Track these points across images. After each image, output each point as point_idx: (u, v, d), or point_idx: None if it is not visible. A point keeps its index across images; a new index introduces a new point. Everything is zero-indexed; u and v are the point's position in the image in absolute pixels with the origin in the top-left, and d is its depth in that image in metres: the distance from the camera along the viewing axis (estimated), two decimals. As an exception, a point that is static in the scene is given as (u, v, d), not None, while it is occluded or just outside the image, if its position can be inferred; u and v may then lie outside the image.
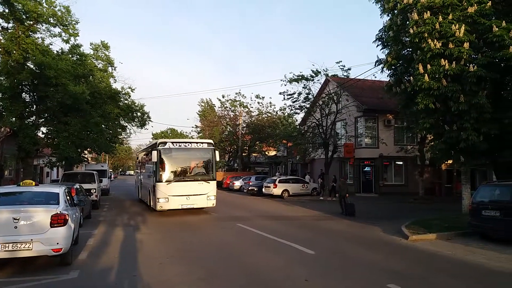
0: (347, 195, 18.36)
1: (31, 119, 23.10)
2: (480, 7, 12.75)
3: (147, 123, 30.62)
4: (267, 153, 49.75)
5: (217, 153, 17.52)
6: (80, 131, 22.45)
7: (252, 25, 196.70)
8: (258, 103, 49.81)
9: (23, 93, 22.62)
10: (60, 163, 24.98)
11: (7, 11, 20.01)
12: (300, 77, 28.67)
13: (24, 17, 20.61)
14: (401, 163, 30.89)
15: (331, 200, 24.99)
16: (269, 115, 45.91)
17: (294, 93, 29.91)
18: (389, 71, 16.54)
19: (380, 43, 17.00)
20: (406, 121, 24.82)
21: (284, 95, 30.54)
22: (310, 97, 29.98)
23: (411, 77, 13.84)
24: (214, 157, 17.27)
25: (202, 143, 17.76)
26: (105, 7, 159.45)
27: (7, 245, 7.17)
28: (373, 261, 8.91)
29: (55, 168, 28.51)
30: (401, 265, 8.53)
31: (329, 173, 28.53)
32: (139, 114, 29.81)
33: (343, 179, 20.64)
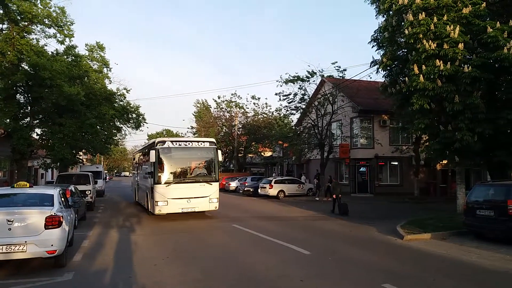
0: (340, 195, 18.58)
1: (26, 120, 22.99)
2: (474, 8, 12.85)
3: (142, 124, 30.56)
4: (263, 153, 49.80)
5: (220, 152, 16.52)
6: (75, 133, 22.34)
7: (247, 26, 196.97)
8: (253, 103, 49.98)
9: (18, 94, 22.53)
10: (54, 164, 24.83)
11: (1, 12, 19.94)
12: (295, 78, 28.73)
13: (18, 18, 20.52)
14: (396, 163, 31.00)
15: (327, 200, 25.01)
16: (265, 115, 46.00)
17: (289, 94, 30.02)
18: (385, 72, 16.64)
19: (375, 44, 17.08)
20: (401, 121, 24.87)
21: (279, 96, 30.66)
22: (305, 97, 30.05)
23: (406, 78, 13.92)
24: (216, 156, 16.17)
25: (203, 142, 16.50)
26: (101, 8, 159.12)
27: (1, 247, 7.11)
28: (368, 260, 8.93)
29: (49, 169, 28.28)
30: (396, 264, 8.55)
31: (324, 173, 28.58)
32: (134, 115, 29.73)
33: (335, 179, 21.05)
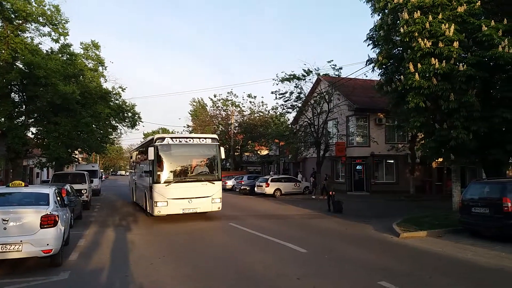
0: (333, 193, 18.72)
1: (21, 119, 22.91)
2: (469, 6, 12.89)
3: (138, 123, 30.51)
4: (259, 152, 49.83)
5: (222, 149, 15.47)
6: (70, 131, 22.27)
7: (243, 25, 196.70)
8: (250, 102, 49.76)
9: (12, 93, 22.44)
10: (50, 163, 24.76)
11: (-5, 10, 19.79)
12: (292, 77, 28.77)
13: (13, 16, 20.41)
14: (392, 161, 31.11)
15: (323, 198, 25.01)
16: (261, 114, 46.01)
17: (286, 93, 30.07)
18: (380, 70, 16.63)
19: (371, 42, 17.05)
20: (397, 119, 24.98)
21: (276, 95, 30.70)
22: (301, 96, 30.12)
23: (402, 76, 13.92)
24: (219, 153, 15.22)
25: (205, 138, 15.52)
26: (96, 6, 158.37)
27: (-4, 246, 7.08)
28: (364, 258, 8.96)
29: (45, 168, 28.24)
30: (393, 262, 8.58)
31: (321, 171, 28.63)
32: (130, 114, 29.66)
33: (330, 177, 21.30)
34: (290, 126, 36.89)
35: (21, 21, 20.86)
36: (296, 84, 29.22)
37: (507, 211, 10.08)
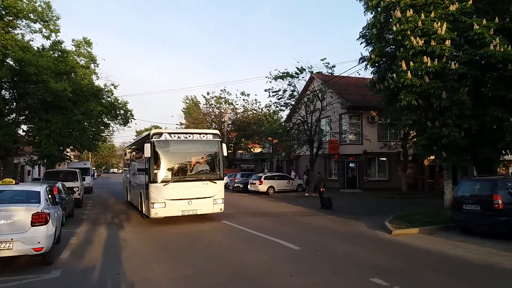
0: (323, 189, 19.20)
1: (11, 116, 22.67)
2: (461, 5, 12.97)
3: (130, 120, 30.35)
4: (252, 150, 49.79)
5: (224, 146, 14.53)
6: (62, 129, 22.08)
7: (236, 23, 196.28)
8: (243, 100, 49.64)
9: (3, 90, 22.19)
10: (41, 161, 24.54)
11: (-15, 6, 19.54)
12: (285, 74, 28.75)
13: (3, 13, 20.14)
14: (385, 159, 31.28)
15: (316, 196, 25.09)
16: (255, 112, 45.96)
17: (279, 90, 30.03)
18: (373, 68, 16.72)
19: (363, 40, 17.12)
20: (389, 117, 25.09)
21: (269, 92, 30.66)
22: (295, 94, 30.11)
23: (394, 74, 13.99)
24: (221, 150, 14.23)
25: (206, 134, 14.50)
26: (87, 3, 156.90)
27: (-13, 244, 7.02)
28: (357, 255, 9.01)
29: (36, 166, 27.97)
30: (385, 259, 8.63)
31: (314, 169, 28.69)
32: (122, 111, 29.47)
33: (319, 174, 21.55)
34: (283, 124, 36.90)
35: (11, 18, 20.59)
36: (289, 82, 29.23)
37: (498, 208, 10.19)
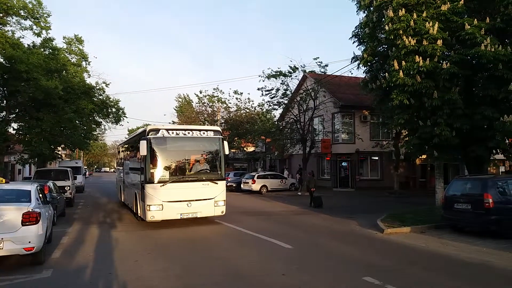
0: (313, 189, 19.49)
1: (1, 114, 22.47)
2: (453, 5, 13.04)
3: (122, 119, 30.14)
4: (245, 149, 49.70)
5: (226, 144, 13.61)
6: (53, 127, 21.91)
7: (228, 21, 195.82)
8: (236, 98, 49.52)
9: (-7, 88, 21.94)
10: (32, 160, 24.34)
11: (-26, 3, 19.29)
12: (278, 73, 28.75)
13: (-7, 9, 19.91)
14: (377, 158, 31.43)
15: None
16: (248, 111, 45.85)
17: (272, 89, 30.01)
18: (365, 68, 16.76)
19: (356, 39, 17.17)
20: (381, 117, 25.23)
21: (262, 91, 30.62)
22: (288, 93, 30.12)
23: (387, 74, 14.05)
24: (222, 148, 13.32)
25: (206, 131, 13.53)
26: (81, 1, 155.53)
27: (-24, 244, 6.94)
28: (349, 254, 9.05)
29: (27, 165, 27.71)
30: (377, 258, 8.68)
31: (307, 168, 28.75)
32: (114, 109, 29.30)
33: (310, 174, 21.72)
34: (276, 123, 36.92)
35: (1, 14, 20.37)
36: (282, 81, 29.23)
37: (488, 207, 10.29)
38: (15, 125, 24.17)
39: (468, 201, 11.02)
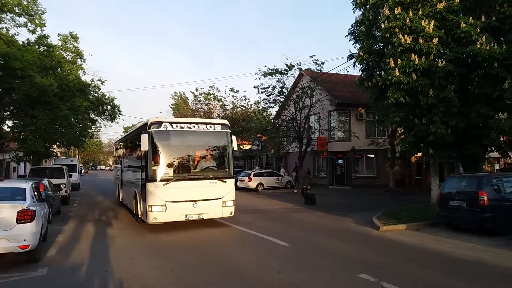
0: (309, 187, 19.81)
1: (-4, 112, 22.28)
2: (448, 3, 13.08)
3: (117, 116, 30.01)
4: (241, 147, 49.69)
5: (234, 138, 12.58)
6: (48, 125, 21.80)
7: (225, 19, 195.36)
8: (232, 96, 49.54)
9: (-13, 86, 21.76)
10: (27, 157, 24.20)
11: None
12: (274, 71, 28.77)
13: (-13, 6, 19.77)
14: (373, 156, 31.53)
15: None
16: (244, 108, 45.81)
17: (268, 87, 30.05)
18: (361, 66, 16.77)
19: (352, 37, 17.17)
20: (377, 114, 25.34)
21: (258, 89, 30.65)
22: (284, 91, 30.17)
23: (382, 72, 14.07)
24: (231, 144, 12.34)
25: (213, 124, 12.46)
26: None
27: (-29, 242, 6.90)
28: (345, 251, 9.08)
29: (22, 163, 27.55)
30: (373, 255, 8.71)
31: (303, 166, 28.81)
32: (109, 107, 29.17)
33: (304, 172, 21.90)
34: (272, 120, 36.93)
35: (-4, 11, 20.25)
36: (278, 78, 29.26)
37: (483, 204, 10.35)
38: (9, 123, 24.04)
39: (463, 199, 11.08)
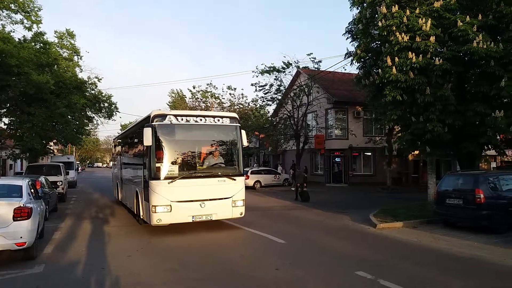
0: (305, 184, 20.03)
1: (-8, 109, 22.18)
2: (445, 1, 13.10)
3: (114, 113, 29.91)
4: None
5: (244, 133, 11.74)
6: (44, 122, 21.71)
7: (222, 16, 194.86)
8: (230, 94, 49.37)
9: (-17, 83, 21.64)
10: (24, 155, 24.11)
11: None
12: (271, 69, 28.77)
13: (-17, 3, 19.63)
14: (370, 154, 31.61)
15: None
16: (241, 106, 45.76)
17: (266, 85, 30.06)
18: (359, 64, 16.80)
19: (349, 36, 17.21)
20: (374, 113, 25.38)
21: (256, 87, 30.65)
22: (281, 89, 30.17)
23: (380, 70, 14.10)
24: (240, 139, 11.51)
25: (222, 118, 11.57)
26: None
27: (-33, 240, 6.88)
28: (342, 249, 9.10)
29: (18, 160, 27.48)
30: (369, 252, 8.73)
31: (300, 164, 28.84)
32: (106, 104, 29.06)
33: (300, 169, 22.30)
34: (270, 118, 36.95)
35: (-9, 8, 20.11)
36: (276, 76, 29.28)
37: (480, 202, 10.40)
38: (6, 120, 23.96)
39: (460, 197, 11.12)
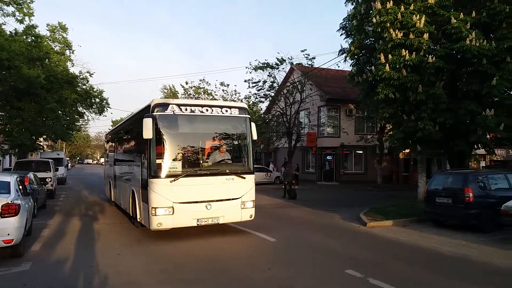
0: (294, 182, 20.46)
1: (-19, 103, 21.85)
2: (440, -2, 13.09)
3: (106, 109, 29.57)
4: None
5: (254, 126, 10.53)
6: (34, 117, 21.47)
7: (215, 11, 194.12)
8: (223, 90, 49.09)
9: (-28, 76, 21.31)
10: (13, 150, 23.80)
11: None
12: (265, 65, 28.67)
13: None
14: (361, 152, 31.72)
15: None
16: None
17: (259, 81, 29.96)
18: (352, 61, 16.79)
19: (344, 32, 17.16)
20: (367, 110, 25.43)
21: (249, 83, 30.57)
22: (274, 85, 30.10)
23: (373, 67, 14.08)
24: (250, 132, 10.32)
25: (230, 108, 10.28)
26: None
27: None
28: (332, 247, 9.10)
29: (7, 156, 27.11)
30: (359, 251, 8.73)
31: (292, 162, 28.84)
32: (97, 100, 28.71)
33: (288, 167, 22.40)
34: (262, 115, 36.91)
35: (-19, 0, 19.79)
36: (269, 73, 29.18)
37: (469, 201, 10.45)
38: (-5, 115, 23.59)
39: (449, 195, 11.16)
